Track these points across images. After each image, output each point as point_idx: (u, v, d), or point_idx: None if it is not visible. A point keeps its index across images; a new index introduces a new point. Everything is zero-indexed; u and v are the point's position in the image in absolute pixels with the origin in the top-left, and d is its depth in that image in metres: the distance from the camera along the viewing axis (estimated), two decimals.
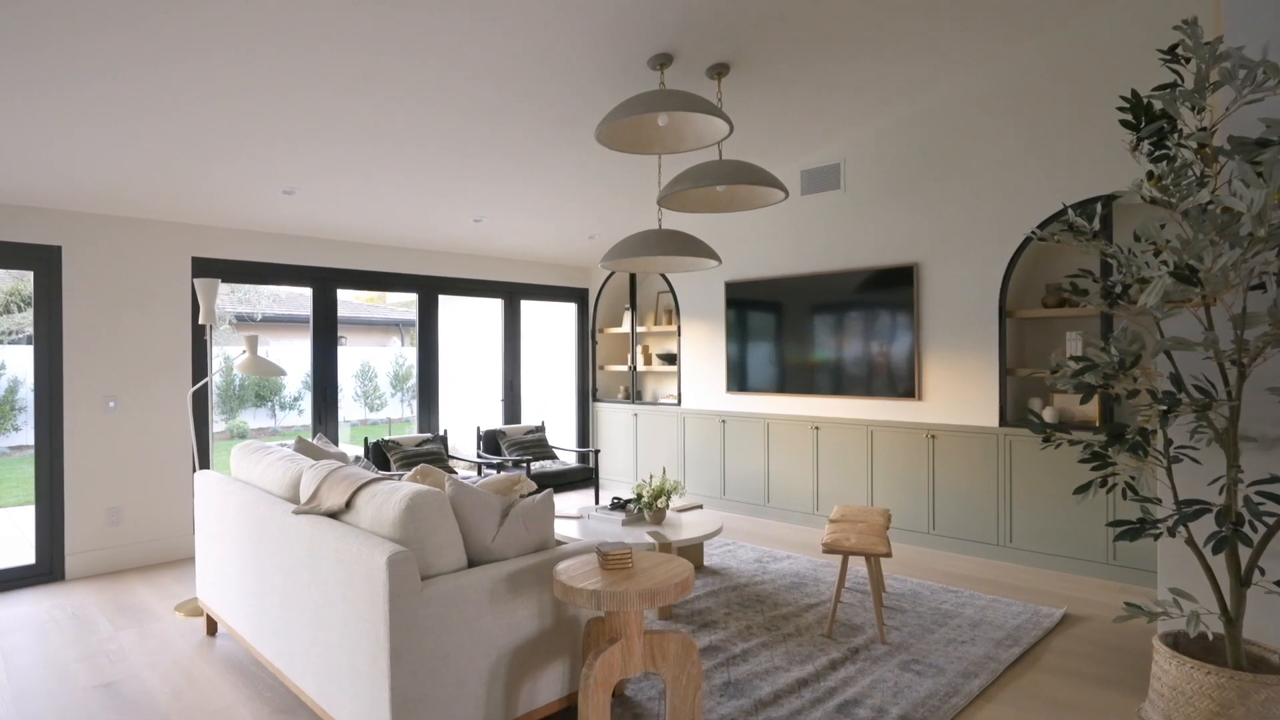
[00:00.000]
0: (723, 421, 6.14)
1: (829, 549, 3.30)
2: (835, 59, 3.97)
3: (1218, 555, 1.75)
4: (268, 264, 5.23)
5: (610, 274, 7.28)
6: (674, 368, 6.67)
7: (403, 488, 2.40)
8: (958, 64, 4.42)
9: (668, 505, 4.10)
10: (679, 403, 6.52)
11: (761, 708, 2.67)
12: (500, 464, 5.65)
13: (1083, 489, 1.87)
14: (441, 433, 5.96)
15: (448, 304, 6.60)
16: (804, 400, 5.63)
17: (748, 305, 5.96)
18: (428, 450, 5.45)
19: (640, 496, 4.10)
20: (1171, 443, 1.82)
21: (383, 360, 15.60)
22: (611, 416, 7.16)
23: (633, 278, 7.09)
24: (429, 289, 6.19)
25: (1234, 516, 1.74)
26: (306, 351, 5.58)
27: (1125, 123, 1.85)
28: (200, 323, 3.99)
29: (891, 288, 5.09)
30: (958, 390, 4.80)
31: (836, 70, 4.12)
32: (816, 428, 5.52)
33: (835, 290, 5.40)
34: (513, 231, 5.95)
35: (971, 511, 4.73)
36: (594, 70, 3.63)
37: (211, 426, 4.88)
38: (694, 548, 4.43)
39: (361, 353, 15.56)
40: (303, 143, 3.91)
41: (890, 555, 3.25)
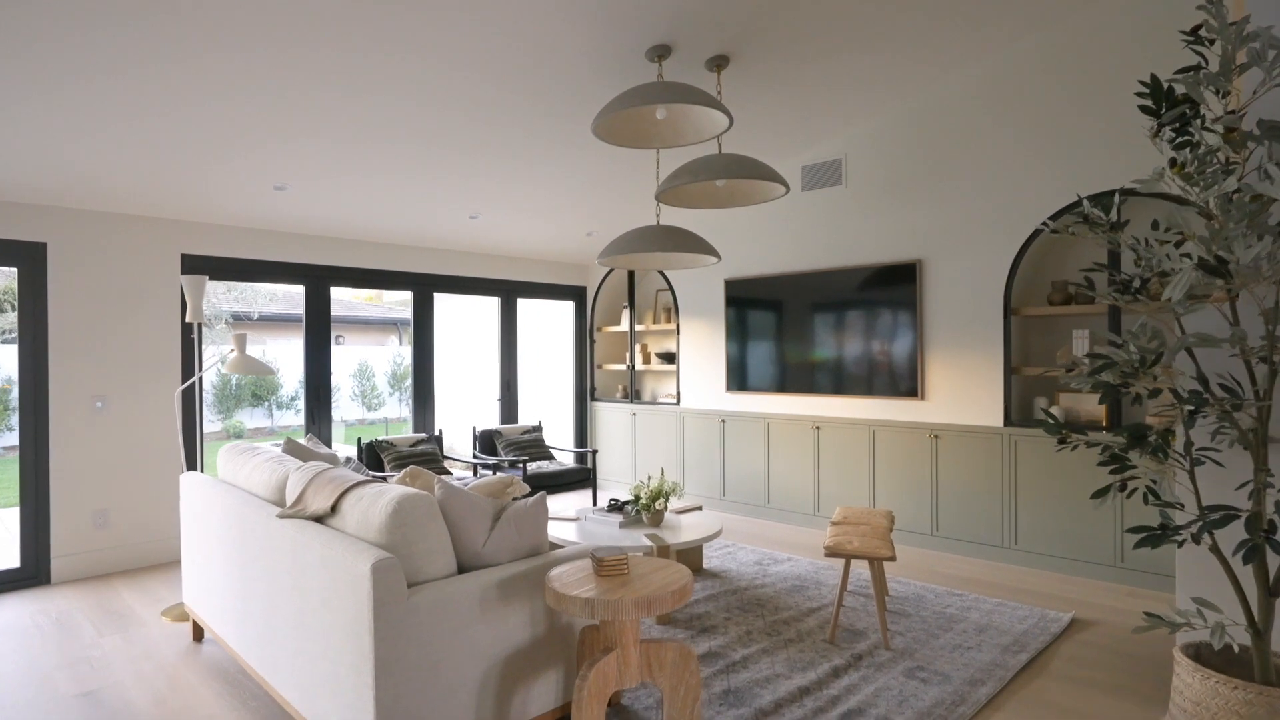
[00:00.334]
0: (722, 421, 6.05)
1: (831, 552, 3.21)
2: (837, 52, 3.88)
3: (1247, 564, 1.66)
4: (259, 261, 5.14)
5: (608, 272, 7.19)
6: (673, 367, 6.58)
7: (390, 491, 2.31)
8: (961, 58, 4.33)
9: (666, 507, 4.02)
10: (678, 402, 6.43)
11: (762, 717, 2.59)
12: (496, 464, 5.56)
13: (1101, 493, 1.78)
14: (436, 433, 5.87)
15: (443, 302, 6.52)
16: (805, 400, 5.54)
17: (748, 303, 5.87)
18: (422, 451, 5.36)
19: (638, 498, 4.01)
20: (1193, 445, 1.73)
21: (380, 359, 15.52)
22: (610, 416, 7.07)
23: (631, 275, 7.00)
24: (424, 287, 6.10)
25: (1265, 523, 1.65)
26: (302, 351, 5.48)
27: (1145, 108, 1.76)
28: (187, 320, 3.89)
29: (894, 285, 5.00)
30: (961, 389, 4.71)
31: (838, 63, 4.03)
32: (818, 428, 5.43)
33: (837, 288, 5.31)
34: (509, 228, 5.86)
35: (976, 513, 4.64)
36: (590, 62, 3.54)
37: (201, 427, 4.79)
38: (693, 550, 4.35)
39: (359, 352, 15.48)
40: (293, 138, 3.81)
41: (894, 559, 3.17)
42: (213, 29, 2.84)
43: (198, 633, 3.39)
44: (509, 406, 6.80)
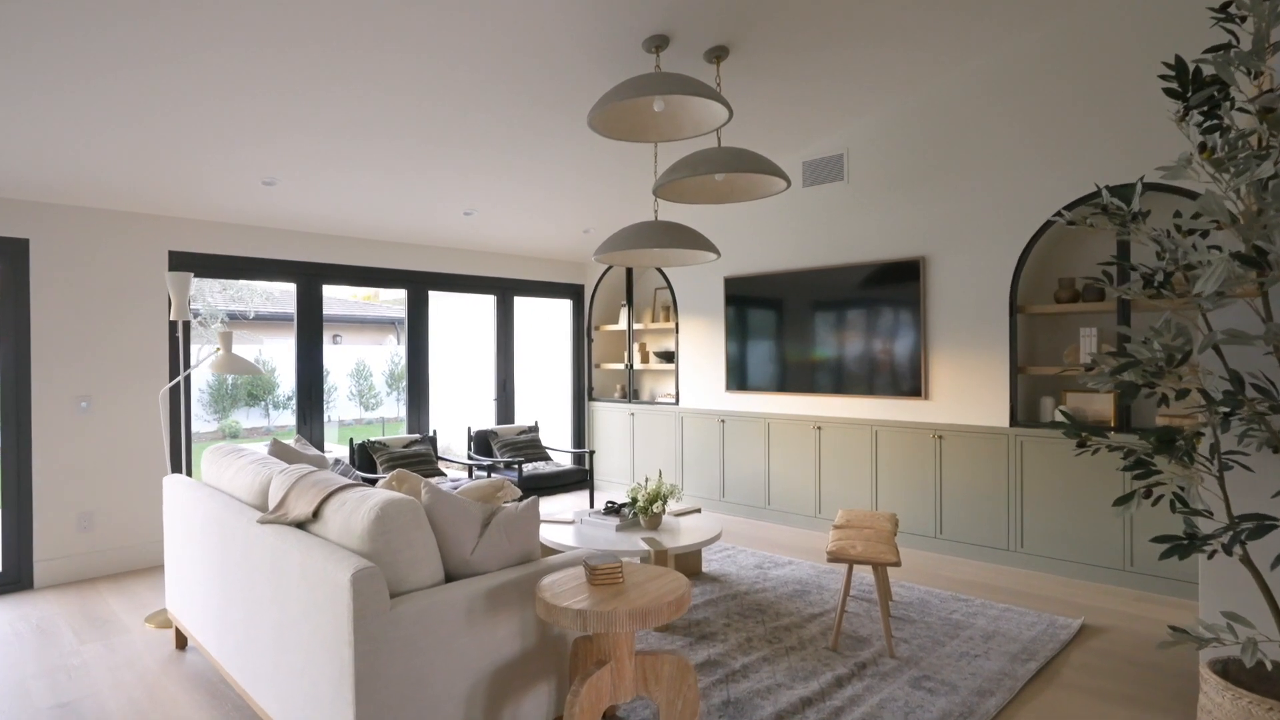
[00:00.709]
0: (722, 421, 5.95)
1: (834, 558, 3.11)
2: (838, 43, 3.78)
3: None
4: (249, 258, 5.03)
5: (606, 269, 7.08)
6: (672, 366, 6.47)
7: (374, 496, 2.20)
8: (965, 49, 4.22)
9: (664, 510, 3.91)
10: (677, 402, 6.32)
11: None
12: (492, 465, 5.46)
13: (1124, 500, 1.68)
14: (431, 433, 5.77)
15: (438, 300, 6.41)
16: (806, 399, 5.44)
17: (748, 301, 5.77)
18: (416, 452, 5.26)
19: (635, 500, 3.91)
20: (1220, 449, 1.63)
21: (378, 358, 15.42)
22: (608, 416, 6.96)
23: (629, 273, 6.89)
24: (418, 285, 6.00)
25: None
26: (293, 350, 5.38)
27: (1170, 91, 1.66)
28: (173, 318, 3.79)
29: (897, 282, 4.90)
30: (966, 389, 4.61)
31: (840, 55, 3.92)
32: (819, 428, 5.33)
33: (838, 285, 5.21)
34: (505, 225, 5.75)
35: (981, 515, 4.54)
36: (586, 53, 3.43)
37: (188, 428, 4.69)
38: (692, 554, 4.25)
39: (356, 351, 15.38)
40: (282, 131, 3.71)
41: (899, 564, 3.06)
42: (199, 23, 2.73)
43: (181, 640, 3.29)
44: (505, 406, 6.70)
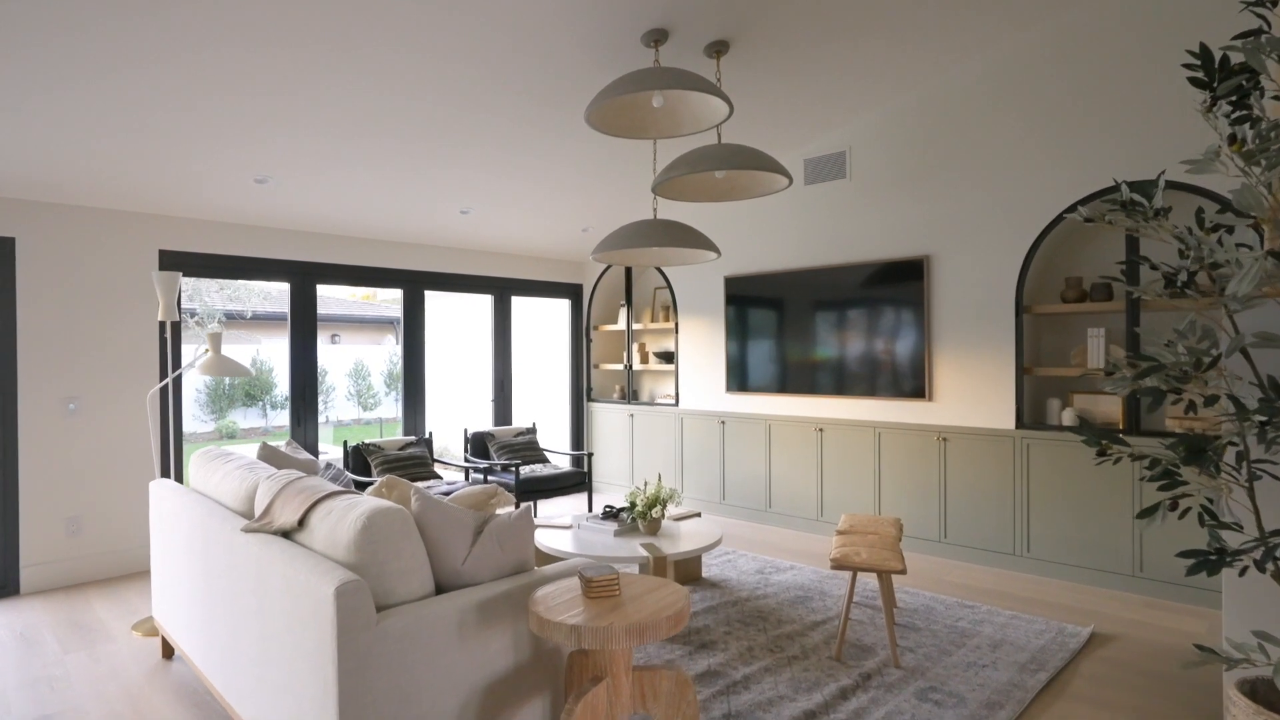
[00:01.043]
0: (722, 423, 5.86)
1: (838, 565, 3.03)
2: (841, 39, 3.69)
3: None
4: (242, 257, 4.95)
5: (605, 269, 7.00)
6: (671, 366, 6.39)
7: (361, 504, 2.12)
8: (970, 45, 4.14)
9: (663, 514, 3.83)
10: (677, 403, 6.24)
11: None
12: (488, 468, 5.37)
13: (1148, 513, 1.59)
14: (427, 435, 5.69)
15: (434, 300, 6.32)
16: (807, 401, 5.35)
17: (748, 301, 5.68)
18: (411, 454, 5.17)
19: (634, 505, 3.82)
20: (1249, 457, 1.54)
21: (376, 358, 15.33)
22: (606, 417, 6.88)
23: (628, 273, 6.81)
24: (414, 284, 5.91)
25: None
26: (287, 350, 5.30)
27: (1195, 80, 1.58)
28: (160, 319, 3.70)
29: (900, 282, 4.81)
30: (971, 390, 4.53)
31: (842, 51, 3.84)
32: (820, 429, 5.25)
33: (841, 285, 5.12)
34: (502, 224, 5.67)
35: (986, 519, 4.45)
36: (583, 48, 3.35)
37: (179, 430, 4.60)
38: (692, 559, 4.16)
39: (355, 351, 15.30)
40: (275, 128, 3.62)
41: (904, 572, 2.98)
42: (190, 19, 2.65)
43: (167, 650, 3.20)
44: (502, 408, 6.61)
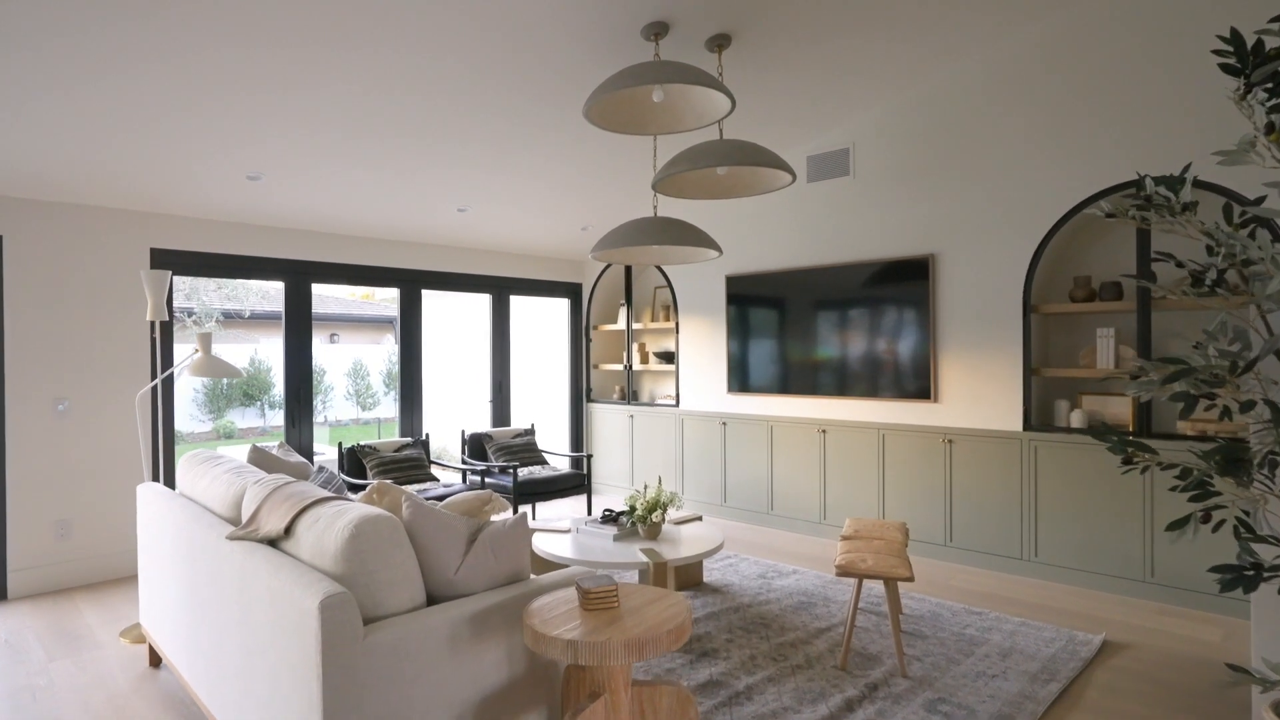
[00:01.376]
0: (723, 424, 5.78)
1: (844, 572, 2.95)
2: (844, 33, 3.60)
3: None
4: (235, 256, 4.86)
5: (605, 268, 6.91)
6: (672, 367, 6.31)
7: (350, 511, 2.04)
8: (975, 40, 4.05)
9: (664, 519, 3.75)
10: (677, 404, 6.16)
11: None
12: (486, 470, 5.29)
13: (1178, 525, 1.51)
14: (423, 436, 5.60)
15: (432, 300, 6.24)
16: (810, 401, 5.27)
17: (750, 300, 5.60)
18: (407, 456, 5.09)
19: (634, 509, 3.74)
20: None
21: (375, 358, 15.26)
22: (606, 418, 6.80)
23: (628, 272, 6.72)
24: (411, 283, 5.83)
25: None
26: (281, 350, 5.21)
27: (1227, 67, 1.51)
28: (148, 318, 3.62)
29: (905, 281, 4.73)
30: (977, 391, 4.44)
31: (846, 45, 3.75)
32: (823, 431, 5.16)
33: (844, 284, 5.04)
34: (500, 222, 5.59)
35: (992, 522, 4.37)
36: (582, 42, 3.26)
37: (171, 432, 4.52)
38: (693, 564, 4.08)
39: (354, 350, 15.23)
40: (268, 126, 3.54)
41: (912, 579, 2.90)
42: (182, 16, 2.57)
43: (155, 658, 3.12)
44: (501, 408, 6.53)
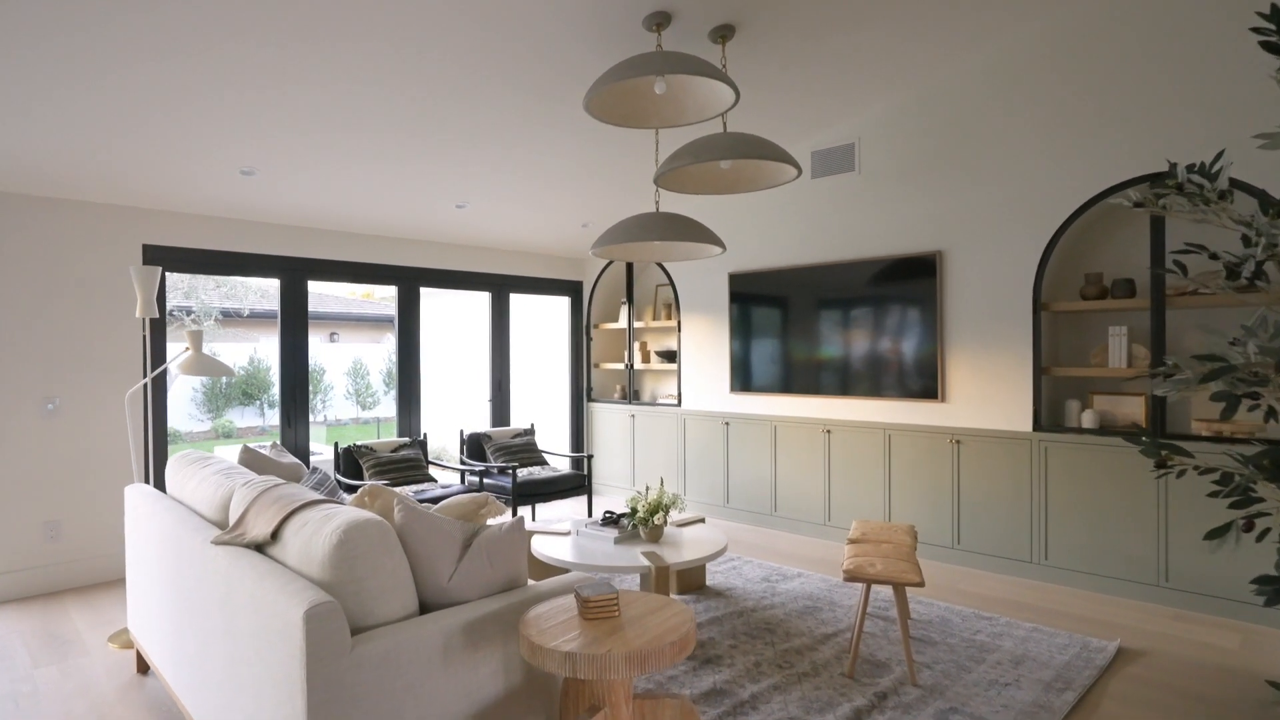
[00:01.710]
0: (726, 424, 5.69)
1: (851, 577, 2.86)
2: (851, 26, 3.51)
3: None
4: (230, 253, 4.78)
5: (606, 265, 6.82)
6: (674, 366, 6.22)
7: (339, 516, 1.95)
8: (984, 33, 3.96)
9: (665, 521, 3.66)
10: (679, 403, 6.07)
11: None
12: (484, 470, 5.21)
13: (1218, 533, 1.43)
14: (421, 436, 5.52)
15: (430, 298, 6.15)
16: (814, 401, 5.18)
17: (753, 298, 5.51)
18: (405, 456, 5.01)
19: (635, 511, 3.65)
20: None
21: (375, 357, 15.18)
22: (607, 418, 6.71)
23: (630, 269, 6.63)
24: (409, 281, 5.74)
25: None
26: (277, 349, 5.12)
27: (1268, 45, 1.42)
28: (139, 315, 3.54)
29: (912, 279, 4.64)
30: (985, 391, 4.35)
31: (852, 38, 3.66)
32: (828, 431, 5.07)
33: (849, 282, 4.95)
34: (499, 218, 5.50)
35: (1002, 525, 4.28)
36: (581, 32, 3.17)
37: (164, 431, 4.44)
38: (695, 567, 3.99)
39: (353, 349, 15.15)
40: (261, 121, 3.45)
41: (922, 584, 2.81)
42: (174, 10, 2.48)
43: (143, 664, 3.04)
44: (500, 408, 6.44)
